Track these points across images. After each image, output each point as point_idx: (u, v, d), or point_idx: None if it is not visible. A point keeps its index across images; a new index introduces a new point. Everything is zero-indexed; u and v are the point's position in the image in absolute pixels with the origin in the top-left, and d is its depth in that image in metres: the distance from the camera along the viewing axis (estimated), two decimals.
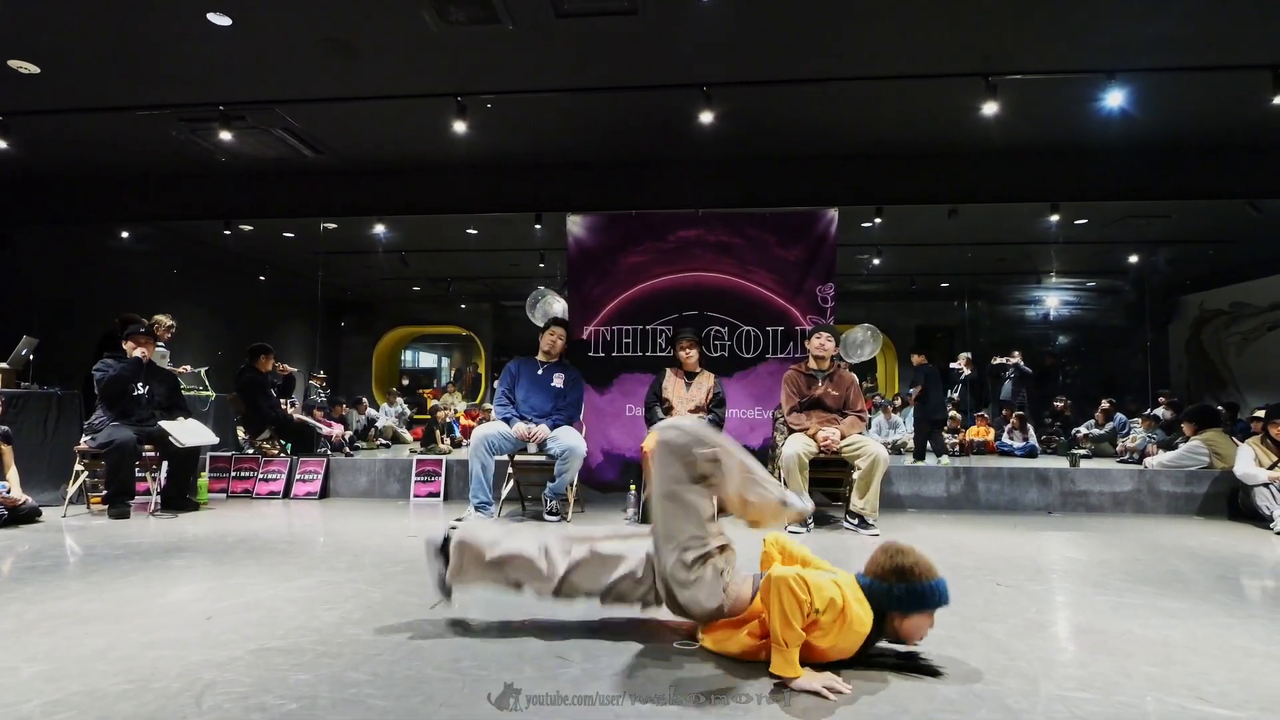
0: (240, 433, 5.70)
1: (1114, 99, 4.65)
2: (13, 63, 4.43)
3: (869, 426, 5.92)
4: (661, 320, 5.30)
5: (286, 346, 11.69)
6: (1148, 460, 5.43)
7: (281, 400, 5.95)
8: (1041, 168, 6.04)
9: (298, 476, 5.02)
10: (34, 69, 4.51)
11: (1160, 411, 8.11)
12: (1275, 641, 2.00)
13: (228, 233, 7.85)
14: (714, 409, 4.26)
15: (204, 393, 6.49)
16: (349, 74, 4.66)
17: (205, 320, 9.40)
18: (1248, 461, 4.23)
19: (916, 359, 7.41)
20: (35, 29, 4.12)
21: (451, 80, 4.74)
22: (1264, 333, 9.98)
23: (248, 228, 8.04)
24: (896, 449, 8.55)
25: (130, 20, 4.03)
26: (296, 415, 5.99)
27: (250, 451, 5.33)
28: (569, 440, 4.00)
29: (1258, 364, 10.02)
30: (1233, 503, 4.41)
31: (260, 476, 5.02)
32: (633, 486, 4.26)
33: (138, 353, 4.27)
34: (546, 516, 4.03)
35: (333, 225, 8.03)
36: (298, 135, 5.48)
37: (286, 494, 4.95)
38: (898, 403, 10.05)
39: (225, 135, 5.14)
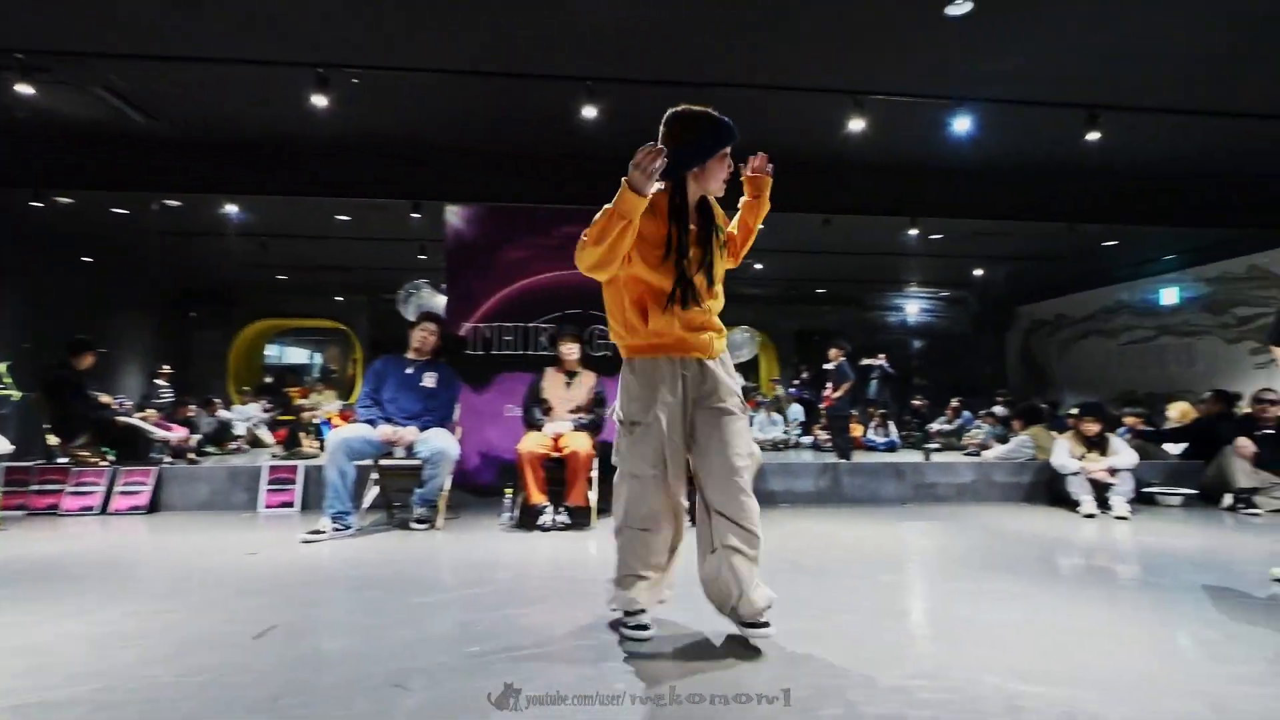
0: (51, 438, 4.90)
1: (961, 124, 5.09)
2: None
3: (750, 424, 6.05)
4: (544, 318, 5.15)
5: (122, 339, 10.33)
6: (985, 453, 6.00)
7: None
8: (902, 184, 6.51)
9: (119, 488, 4.38)
10: None
11: (998, 409, 9.08)
12: (1084, 618, 2.21)
13: (38, 204, 6.75)
14: (594, 409, 4.19)
15: (5, 392, 5.55)
16: (190, 31, 4.12)
17: (11, 305, 8.06)
18: (1062, 453, 4.76)
19: (835, 353, 7.26)
20: None
21: (314, 50, 4.33)
22: (1079, 340, 11.51)
23: (66, 200, 6.97)
24: (776, 446, 8.92)
25: None
26: (122, 418, 5.25)
27: (62, 461, 4.59)
28: (439, 442, 3.77)
29: (1075, 368, 11.53)
30: (1051, 490, 4.94)
31: (70, 489, 4.34)
32: (509, 490, 4.10)
33: None
34: (414, 525, 3.78)
35: (175, 203, 7.15)
36: (123, 96, 4.78)
37: (104, 509, 4.30)
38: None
39: (24, 88, 4.37)
